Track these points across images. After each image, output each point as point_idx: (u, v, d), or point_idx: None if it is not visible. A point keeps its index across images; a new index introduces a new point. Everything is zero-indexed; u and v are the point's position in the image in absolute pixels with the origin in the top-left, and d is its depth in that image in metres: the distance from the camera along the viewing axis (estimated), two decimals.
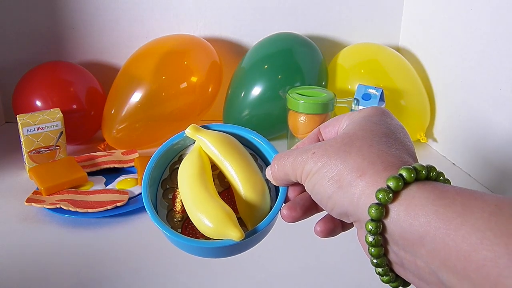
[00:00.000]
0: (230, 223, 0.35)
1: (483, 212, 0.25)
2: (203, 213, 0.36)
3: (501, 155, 0.76)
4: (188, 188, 0.38)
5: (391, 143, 0.31)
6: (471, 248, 0.24)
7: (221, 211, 0.35)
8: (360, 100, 0.84)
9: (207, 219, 0.35)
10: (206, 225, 0.35)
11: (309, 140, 0.38)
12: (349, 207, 0.30)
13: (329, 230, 0.36)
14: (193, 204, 0.37)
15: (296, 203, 0.36)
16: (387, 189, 0.28)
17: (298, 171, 0.34)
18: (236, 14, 1.05)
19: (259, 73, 0.93)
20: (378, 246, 0.29)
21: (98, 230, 0.66)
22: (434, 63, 0.96)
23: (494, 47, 0.77)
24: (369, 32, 1.09)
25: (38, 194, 0.72)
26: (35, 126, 0.79)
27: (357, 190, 0.29)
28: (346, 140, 0.32)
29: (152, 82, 0.89)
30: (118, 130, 0.90)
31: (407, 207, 0.27)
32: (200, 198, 0.37)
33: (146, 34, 1.04)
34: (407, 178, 0.28)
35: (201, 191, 0.37)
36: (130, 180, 0.78)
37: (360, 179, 0.29)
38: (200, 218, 0.36)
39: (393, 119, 0.34)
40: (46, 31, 1.03)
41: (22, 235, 0.65)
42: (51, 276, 0.57)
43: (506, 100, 0.74)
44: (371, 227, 0.28)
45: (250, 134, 0.42)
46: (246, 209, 0.38)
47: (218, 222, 0.35)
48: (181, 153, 0.42)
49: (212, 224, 0.35)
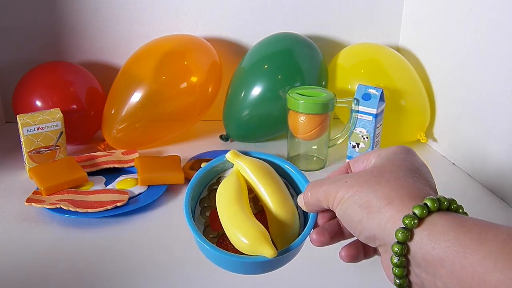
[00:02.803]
0: (264, 241, 0.38)
1: (496, 240, 0.29)
2: (240, 230, 0.39)
3: (501, 155, 0.76)
4: (226, 207, 0.41)
5: (416, 178, 0.35)
6: (486, 271, 0.28)
7: (257, 229, 0.39)
8: (360, 100, 0.84)
9: (243, 236, 0.39)
10: (242, 241, 0.39)
11: (339, 172, 0.42)
12: (376, 231, 0.34)
13: (353, 256, 0.40)
14: (230, 222, 0.40)
15: (325, 229, 0.40)
16: (413, 216, 0.32)
17: (330, 198, 0.37)
18: (236, 14, 1.05)
19: (259, 73, 0.93)
20: (402, 267, 0.33)
21: (98, 230, 0.66)
22: (434, 63, 0.96)
23: (494, 47, 0.77)
24: (369, 32, 1.09)
25: (38, 194, 0.72)
26: (35, 126, 0.79)
27: (385, 216, 0.33)
28: (375, 173, 0.36)
29: (152, 82, 0.89)
30: (118, 130, 0.90)
31: (430, 232, 0.31)
32: (237, 217, 0.40)
33: (146, 34, 1.04)
34: (431, 207, 0.32)
35: (238, 211, 0.40)
36: (130, 180, 0.78)
37: (388, 206, 0.33)
38: (237, 235, 0.39)
39: (417, 157, 0.38)
40: (46, 31, 1.03)
41: (22, 235, 0.65)
42: (51, 276, 0.57)
43: (506, 100, 0.74)
44: (397, 249, 0.32)
45: (284, 163, 0.46)
46: (277, 231, 0.42)
47: (253, 240, 0.38)
48: (219, 175, 0.46)
49: (247, 241, 0.38)
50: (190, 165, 0.83)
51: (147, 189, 0.76)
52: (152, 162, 0.81)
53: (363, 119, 0.85)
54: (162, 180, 0.77)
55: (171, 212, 0.72)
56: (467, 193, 0.78)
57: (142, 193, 0.76)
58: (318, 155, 0.89)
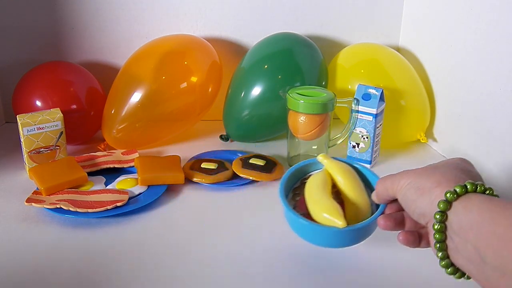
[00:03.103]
0: (338, 215, 0.51)
1: None
2: (320, 206, 0.53)
3: (501, 155, 0.76)
4: (312, 190, 0.56)
5: (464, 173, 0.45)
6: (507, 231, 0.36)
7: (334, 206, 0.52)
8: (360, 100, 0.84)
9: (322, 210, 0.53)
10: (321, 214, 0.52)
11: None
12: (426, 208, 0.43)
13: (409, 240, 0.49)
14: (313, 200, 0.54)
15: (391, 216, 0.51)
16: (453, 191, 0.41)
17: (394, 185, 0.48)
18: (236, 14, 1.05)
19: (259, 73, 0.93)
20: (441, 232, 0.42)
21: (98, 230, 0.66)
22: (434, 63, 0.96)
23: (494, 47, 0.77)
24: (369, 32, 1.09)
25: (38, 194, 0.72)
26: (35, 126, 0.79)
27: (434, 194, 0.43)
28: (431, 167, 0.47)
29: (152, 82, 0.89)
30: (118, 130, 0.90)
31: (465, 204, 0.40)
32: (319, 196, 0.54)
33: (146, 34, 1.04)
34: (469, 189, 0.41)
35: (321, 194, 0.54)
36: (130, 180, 0.78)
37: (437, 188, 0.43)
38: (317, 209, 0.53)
39: (470, 165, 0.47)
40: (46, 31, 1.03)
41: (22, 235, 0.65)
42: (51, 276, 0.57)
43: (506, 100, 0.74)
44: (438, 216, 0.41)
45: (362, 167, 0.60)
46: (353, 219, 0.54)
47: (330, 212, 0.52)
48: (311, 172, 0.61)
49: (326, 213, 0.52)
50: (190, 165, 0.83)
51: (147, 189, 0.76)
52: (152, 162, 0.81)
53: (363, 119, 0.85)
54: (162, 180, 0.77)
55: (171, 212, 0.72)
56: None
57: (142, 193, 0.76)
58: (318, 155, 0.89)
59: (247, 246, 0.63)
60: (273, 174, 0.81)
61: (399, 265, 0.59)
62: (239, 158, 0.85)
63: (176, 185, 0.79)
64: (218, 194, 0.77)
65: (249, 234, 0.66)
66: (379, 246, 0.62)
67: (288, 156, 0.89)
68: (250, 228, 0.68)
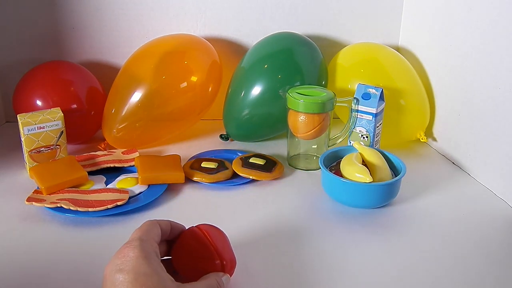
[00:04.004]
0: (366, 173, 0.69)
1: None
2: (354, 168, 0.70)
3: (501, 155, 0.76)
4: (347, 162, 0.73)
5: None
6: None
7: (365, 169, 0.70)
8: (360, 99, 0.84)
9: (355, 171, 0.70)
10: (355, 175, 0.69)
11: None
12: None
13: None
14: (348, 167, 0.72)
15: None
16: None
17: None
18: (236, 14, 1.05)
19: (259, 73, 0.93)
20: None
21: (99, 229, 0.66)
22: (434, 63, 0.96)
23: (494, 47, 0.77)
24: (369, 32, 1.09)
25: (39, 193, 0.72)
26: (36, 126, 0.79)
27: None
28: None
29: (152, 82, 0.89)
30: (119, 130, 0.90)
31: None
32: (353, 164, 0.72)
33: (146, 34, 1.04)
34: None
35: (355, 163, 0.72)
36: (131, 179, 0.78)
37: None
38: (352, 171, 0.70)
39: None
40: (46, 31, 1.03)
41: (22, 234, 0.65)
42: (52, 275, 0.57)
43: (506, 100, 0.75)
44: None
45: (387, 153, 0.77)
46: None
47: (362, 173, 0.69)
48: (345, 155, 0.77)
49: (358, 174, 0.69)
50: (190, 164, 0.83)
51: (148, 188, 0.76)
52: (152, 162, 0.81)
53: (363, 119, 0.85)
54: (162, 179, 0.77)
55: (172, 211, 0.72)
56: (466, 192, 0.78)
57: (142, 192, 0.76)
58: (318, 154, 0.89)
59: (247, 245, 0.63)
60: (273, 174, 0.81)
61: (398, 263, 0.60)
62: (239, 158, 0.85)
63: (176, 184, 0.79)
64: (218, 193, 0.77)
65: (249, 233, 0.66)
66: (379, 246, 0.62)
67: (288, 156, 0.89)
68: (250, 227, 0.68)
